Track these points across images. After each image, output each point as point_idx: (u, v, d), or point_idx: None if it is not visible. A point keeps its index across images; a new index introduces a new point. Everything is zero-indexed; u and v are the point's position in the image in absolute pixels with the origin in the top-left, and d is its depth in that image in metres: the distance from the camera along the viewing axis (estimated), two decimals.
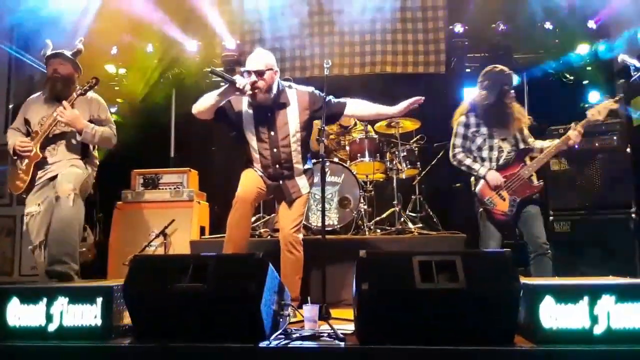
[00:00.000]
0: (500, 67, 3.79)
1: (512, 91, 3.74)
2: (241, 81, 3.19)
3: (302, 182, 3.53)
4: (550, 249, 3.58)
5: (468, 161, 3.80)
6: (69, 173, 3.64)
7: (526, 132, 3.84)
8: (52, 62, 3.77)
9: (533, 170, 3.69)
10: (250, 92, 3.24)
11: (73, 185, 3.57)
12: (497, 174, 3.69)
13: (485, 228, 3.78)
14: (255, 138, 3.43)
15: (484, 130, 3.79)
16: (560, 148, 3.65)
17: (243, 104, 3.45)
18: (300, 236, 3.51)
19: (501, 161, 3.75)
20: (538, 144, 3.79)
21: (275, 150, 3.43)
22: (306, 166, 3.59)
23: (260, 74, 3.28)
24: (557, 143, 3.66)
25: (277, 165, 3.45)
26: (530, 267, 3.65)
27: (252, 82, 3.24)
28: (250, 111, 3.43)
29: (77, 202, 3.57)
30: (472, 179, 3.88)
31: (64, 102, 3.62)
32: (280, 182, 3.48)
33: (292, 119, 3.43)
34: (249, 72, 3.29)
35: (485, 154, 3.79)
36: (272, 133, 3.41)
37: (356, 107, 3.55)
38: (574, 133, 3.60)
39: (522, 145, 3.79)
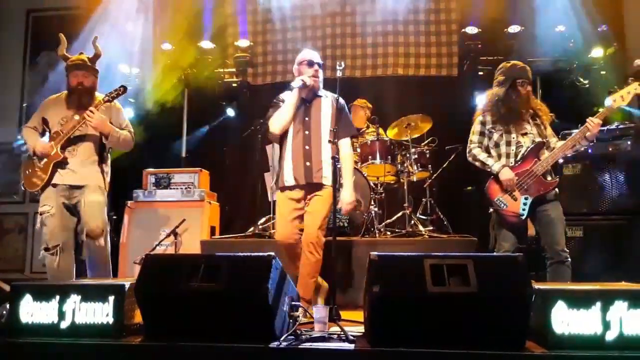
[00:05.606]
0: (513, 62, 3.70)
1: (526, 83, 3.60)
2: (304, 78, 3.56)
3: (327, 170, 3.53)
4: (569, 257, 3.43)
5: (482, 156, 3.67)
6: (94, 207, 3.72)
7: (549, 130, 3.68)
8: (76, 74, 3.79)
9: (547, 166, 3.51)
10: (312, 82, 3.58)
11: (102, 225, 3.72)
12: (511, 174, 3.52)
13: (497, 230, 3.65)
14: (292, 127, 3.61)
15: (500, 126, 3.66)
16: (577, 141, 3.47)
17: None
18: (323, 239, 3.49)
19: (519, 157, 3.59)
20: (559, 144, 3.58)
21: (307, 132, 3.58)
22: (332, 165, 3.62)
23: (321, 66, 3.69)
24: (574, 135, 3.49)
25: (307, 147, 3.56)
26: (546, 273, 3.49)
27: (315, 71, 3.62)
28: None
29: (108, 237, 3.80)
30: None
31: (91, 107, 3.67)
32: (307, 163, 3.53)
33: (325, 108, 3.66)
34: (312, 63, 3.64)
35: (502, 149, 3.65)
36: (307, 119, 3.61)
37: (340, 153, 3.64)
38: (594, 121, 3.39)
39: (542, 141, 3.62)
